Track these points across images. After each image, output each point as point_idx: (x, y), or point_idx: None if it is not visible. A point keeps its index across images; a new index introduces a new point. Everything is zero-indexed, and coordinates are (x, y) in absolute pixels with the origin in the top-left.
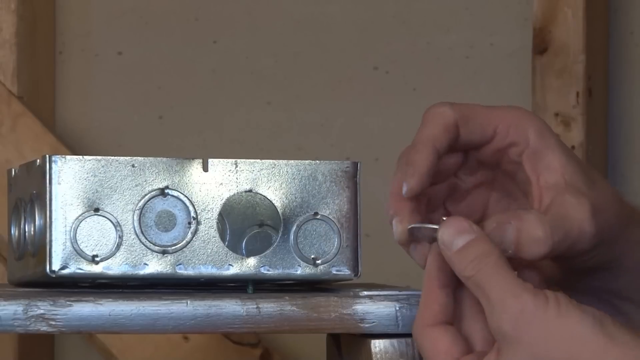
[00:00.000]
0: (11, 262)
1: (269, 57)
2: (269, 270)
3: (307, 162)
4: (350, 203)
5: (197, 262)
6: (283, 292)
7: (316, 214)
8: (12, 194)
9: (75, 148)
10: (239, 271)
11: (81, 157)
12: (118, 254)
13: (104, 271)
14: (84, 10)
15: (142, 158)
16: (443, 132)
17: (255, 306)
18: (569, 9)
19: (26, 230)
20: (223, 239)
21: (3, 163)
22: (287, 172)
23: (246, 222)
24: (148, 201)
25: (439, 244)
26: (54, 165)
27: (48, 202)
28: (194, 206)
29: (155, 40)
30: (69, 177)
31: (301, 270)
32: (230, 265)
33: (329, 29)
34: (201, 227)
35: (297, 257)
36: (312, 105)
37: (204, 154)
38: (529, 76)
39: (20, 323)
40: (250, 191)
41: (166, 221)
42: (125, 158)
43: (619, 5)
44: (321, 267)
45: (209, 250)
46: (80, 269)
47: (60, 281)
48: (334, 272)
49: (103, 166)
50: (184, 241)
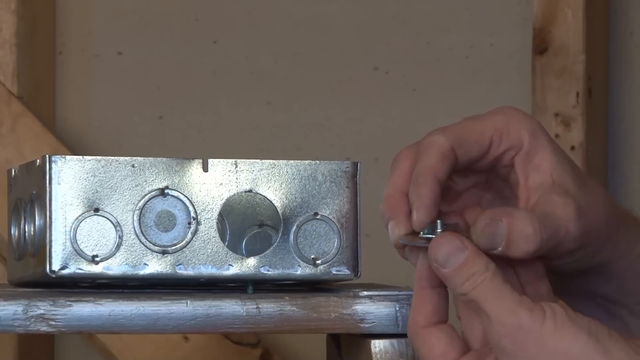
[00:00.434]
0: (11, 262)
1: (269, 57)
2: (268, 271)
3: (307, 162)
4: (350, 203)
5: (197, 262)
6: (283, 292)
7: (316, 214)
8: (12, 194)
9: (75, 148)
10: (239, 271)
11: (81, 157)
12: (118, 254)
13: (104, 271)
14: (84, 11)
15: (142, 158)
16: (441, 160)
17: (255, 306)
18: (569, 9)
19: (26, 230)
20: (223, 239)
21: (3, 163)
22: (287, 172)
23: (246, 222)
24: (148, 201)
25: (431, 262)
26: (54, 166)
27: (48, 202)
28: (194, 206)
29: (155, 40)
30: (69, 177)
31: (301, 270)
32: (230, 265)
33: (329, 29)
34: (201, 227)
35: (297, 257)
36: (312, 106)
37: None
38: (529, 76)
39: (20, 323)
40: (250, 191)
41: (166, 221)
42: (125, 158)
43: (619, 6)
44: (321, 267)
45: (209, 251)
46: (80, 269)
47: (60, 281)
48: (334, 272)
49: (103, 166)
50: (184, 241)
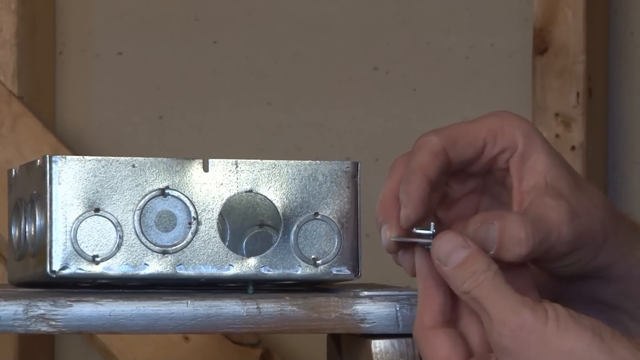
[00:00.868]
0: (11, 262)
1: (269, 57)
2: (269, 271)
3: (308, 162)
4: (350, 203)
5: (197, 262)
6: (283, 293)
7: (316, 214)
8: (12, 194)
9: (76, 148)
10: (239, 271)
11: (81, 157)
12: (118, 254)
13: (104, 271)
14: (84, 11)
15: (143, 158)
16: (432, 159)
17: (256, 306)
18: (569, 9)
19: (26, 230)
20: (223, 239)
21: (3, 163)
22: (288, 172)
23: (246, 222)
24: (148, 201)
25: (433, 259)
26: (54, 166)
27: (48, 203)
28: (194, 206)
29: (156, 40)
30: (69, 178)
31: (301, 270)
32: (230, 265)
33: (329, 29)
34: (201, 228)
35: (297, 258)
36: (313, 106)
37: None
38: (529, 76)
39: (21, 323)
40: (251, 191)
41: (166, 221)
42: (126, 158)
43: (619, 6)
44: (321, 267)
45: (210, 251)
46: (81, 269)
47: (61, 281)
48: (334, 272)
49: (103, 166)
50: (185, 241)
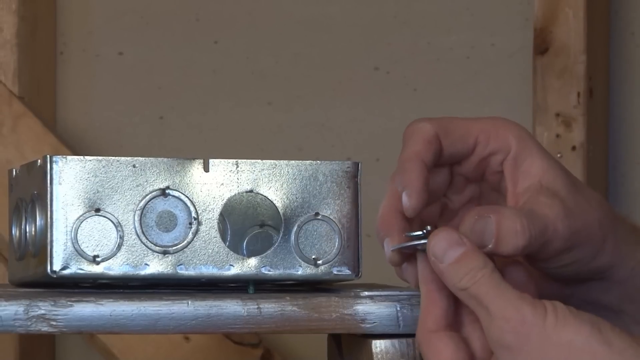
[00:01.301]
0: (12, 262)
1: (270, 58)
2: (270, 271)
3: (308, 162)
4: (351, 203)
5: (198, 262)
6: (284, 293)
7: (317, 214)
8: (13, 194)
9: (76, 148)
10: (239, 271)
11: (82, 157)
12: (119, 254)
13: (105, 271)
14: (84, 11)
15: (143, 158)
16: (426, 146)
17: (256, 306)
18: (569, 10)
19: (27, 230)
20: (224, 239)
21: (4, 163)
22: (288, 172)
23: (247, 222)
24: (149, 201)
25: (429, 256)
26: (54, 166)
27: (49, 203)
28: (194, 206)
29: (156, 40)
30: (70, 178)
31: (302, 270)
32: (231, 265)
33: (330, 29)
34: (202, 228)
35: (298, 258)
36: (313, 106)
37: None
38: (530, 76)
39: (21, 323)
40: (251, 191)
41: (167, 221)
42: (126, 158)
43: (619, 6)
44: (322, 267)
45: (210, 251)
46: (81, 269)
47: (61, 281)
48: (335, 272)
49: (104, 166)
50: (185, 241)
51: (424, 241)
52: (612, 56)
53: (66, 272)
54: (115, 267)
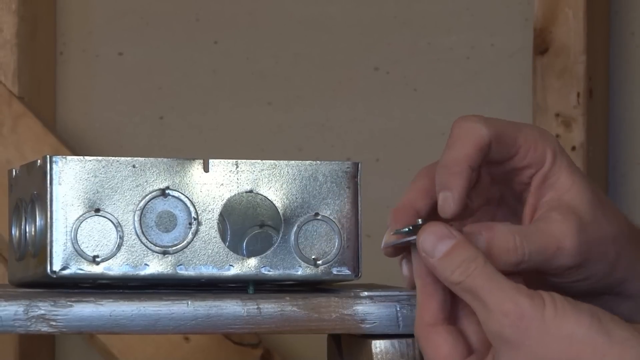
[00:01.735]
0: (12, 262)
1: (270, 58)
2: (269, 271)
3: (308, 162)
4: (351, 203)
5: (197, 262)
6: (284, 293)
7: (317, 214)
8: (12, 195)
9: (76, 148)
10: (239, 272)
11: (82, 157)
12: (119, 254)
13: (105, 272)
14: (84, 11)
15: (143, 158)
16: (478, 152)
17: (256, 306)
18: (569, 10)
19: (27, 230)
20: (224, 239)
21: (4, 163)
22: (288, 172)
23: (247, 222)
24: (149, 202)
25: (419, 252)
26: (54, 166)
27: (49, 203)
28: (194, 207)
29: (156, 40)
30: (70, 178)
31: (302, 270)
32: (231, 265)
33: (330, 29)
34: (202, 228)
35: (297, 258)
36: (313, 106)
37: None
38: (530, 77)
39: (21, 323)
40: (251, 192)
41: (167, 222)
42: (126, 158)
43: (619, 6)
44: (322, 267)
45: (210, 251)
46: (81, 269)
47: (61, 282)
48: (335, 272)
49: (104, 167)
50: (185, 242)
51: (414, 237)
52: (612, 56)
53: (66, 272)
54: (115, 267)
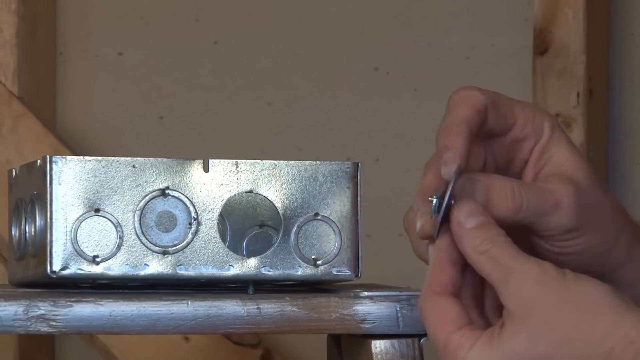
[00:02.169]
0: (12, 262)
1: (270, 58)
2: (269, 271)
3: (308, 162)
4: (350, 203)
5: (197, 262)
6: (284, 293)
7: (317, 214)
8: (12, 195)
9: (76, 149)
10: (239, 272)
11: (82, 157)
12: (119, 254)
13: (105, 272)
14: (84, 11)
15: (143, 159)
16: (475, 114)
17: (256, 307)
18: (569, 10)
19: (27, 230)
20: (224, 239)
21: (4, 164)
22: (288, 172)
23: (247, 222)
24: (149, 202)
25: (452, 221)
26: (54, 166)
27: (49, 203)
28: (194, 207)
29: (156, 40)
30: (70, 178)
31: (302, 270)
32: (230, 265)
33: (330, 29)
34: (202, 228)
35: (297, 258)
36: (313, 106)
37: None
38: (530, 77)
39: (21, 323)
40: (251, 192)
41: (167, 222)
42: (126, 159)
43: (619, 7)
44: (322, 267)
45: (210, 251)
46: (81, 269)
47: (61, 282)
48: (335, 272)
49: (104, 167)
50: (185, 242)
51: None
52: (612, 56)
53: (66, 272)
54: (115, 267)
